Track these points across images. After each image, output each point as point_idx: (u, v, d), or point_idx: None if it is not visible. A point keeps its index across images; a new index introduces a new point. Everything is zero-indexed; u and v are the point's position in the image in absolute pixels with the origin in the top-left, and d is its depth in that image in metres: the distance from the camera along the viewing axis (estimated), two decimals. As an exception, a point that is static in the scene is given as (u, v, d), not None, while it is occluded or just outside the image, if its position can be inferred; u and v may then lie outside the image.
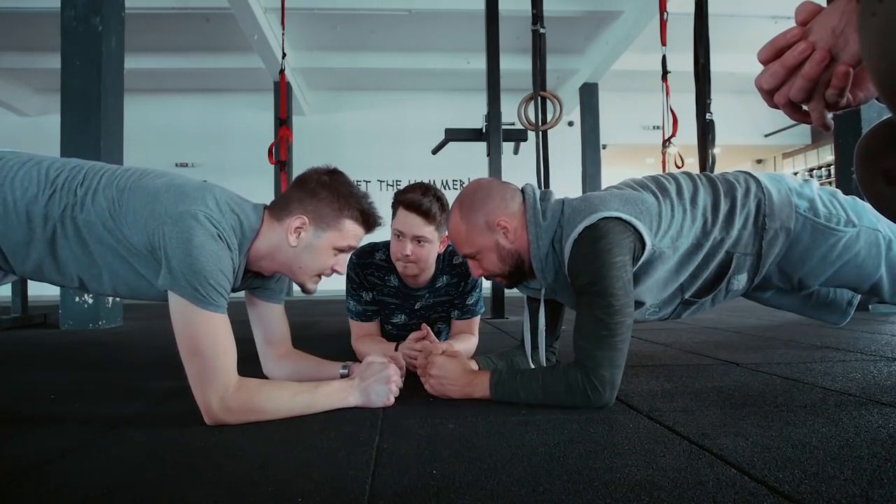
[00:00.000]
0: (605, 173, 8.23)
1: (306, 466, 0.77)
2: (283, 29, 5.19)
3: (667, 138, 4.58)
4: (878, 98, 0.54)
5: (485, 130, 3.76)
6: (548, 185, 3.28)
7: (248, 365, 1.20)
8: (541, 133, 3.36)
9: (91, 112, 3.09)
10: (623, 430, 0.93)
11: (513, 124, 4.00)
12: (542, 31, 3.35)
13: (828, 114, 0.57)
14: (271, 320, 1.30)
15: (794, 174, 9.79)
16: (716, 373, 1.46)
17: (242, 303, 1.32)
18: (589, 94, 8.06)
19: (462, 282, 1.65)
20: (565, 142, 8.09)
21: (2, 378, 1.59)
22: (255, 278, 1.21)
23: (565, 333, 1.37)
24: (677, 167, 4.55)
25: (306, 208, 1.10)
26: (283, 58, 5.10)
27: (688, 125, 4.30)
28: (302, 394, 1.05)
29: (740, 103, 8.45)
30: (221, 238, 0.99)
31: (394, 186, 8.82)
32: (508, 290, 1.44)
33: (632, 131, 9.15)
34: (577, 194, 1.26)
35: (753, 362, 1.61)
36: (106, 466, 0.79)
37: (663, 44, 4.38)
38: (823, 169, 9.59)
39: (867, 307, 3.19)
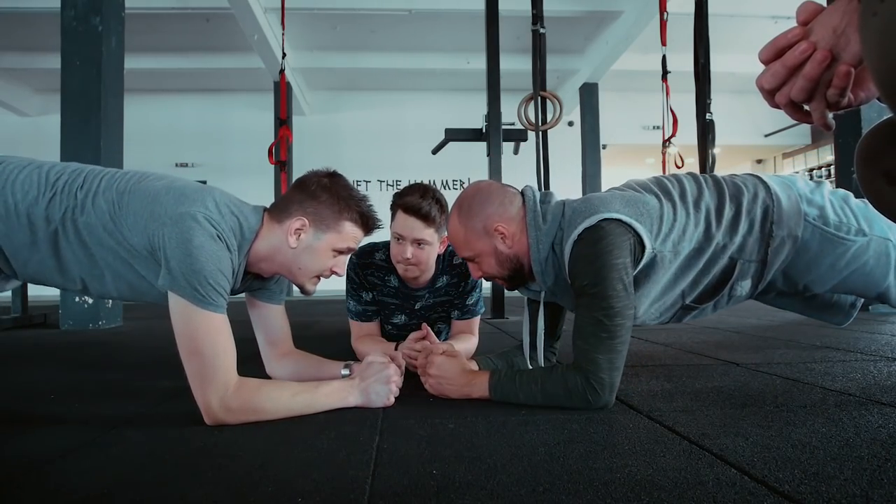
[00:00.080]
0: (605, 173, 8.24)
1: (306, 466, 0.77)
2: (283, 29, 5.20)
3: (667, 138, 4.58)
4: (878, 98, 0.54)
5: (485, 130, 3.76)
6: (548, 186, 3.28)
7: (249, 365, 1.20)
8: (541, 133, 3.36)
9: (91, 112, 3.09)
10: (623, 430, 0.93)
11: (513, 124, 4.00)
12: (542, 31, 3.35)
13: (829, 113, 0.57)
14: (272, 321, 1.31)
15: (794, 174, 9.79)
16: (716, 373, 1.46)
17: (242, 302, 1.32)
18: (589, 94, 8.07)
19: (462, 282, 1.65)
20: (565, 142, 8.10)
21: (2, 378, 1.59)
22: (254, 280, 1.21)
23: (565, 333, 1.37)
24: (677, 167, 4.54)
25: (306, 210, 1.11)
26: (283, 58, 5.10)
27: (688, 125, 4.30)
28: (302, 393, 1.05)
29: (740, 103, 8.46)
30: (221, 239, 0.99)
31: (394, 186, 8.82)
32: (508, 291, 1.44)
33: (632, 131, 9.15)
34: (578, 195, 1.26)
35: (753, 362, 1.61)
36: (106, 466, 0.79)
37: (663, 44, 4.38)
38: (823, 169, 9.59)
39: (867, 307, 3.19)
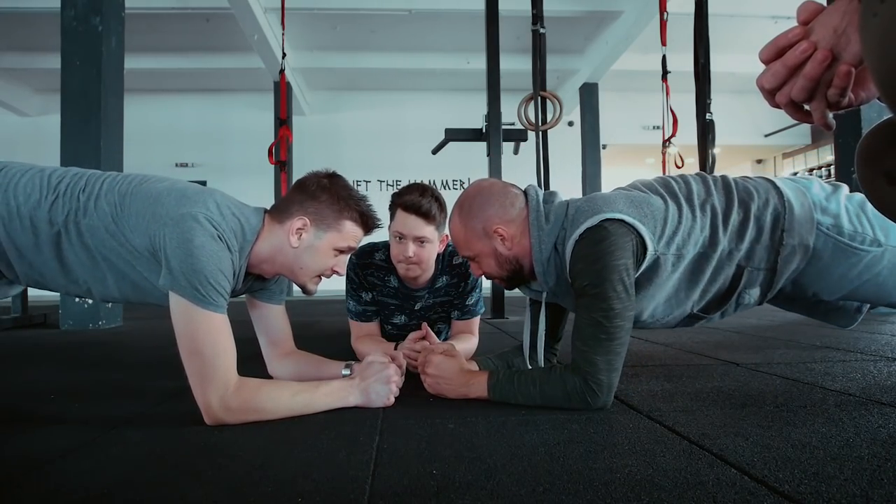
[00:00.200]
0: (605, 173, 8.24)
1: (306, 466, 0.77)
2: (283, 29, 5.20)
3: (667, 138, 4.58)
4: (878, 98, 0.54)
5: (485, 130, 3.76)
6: (548, 186, 3.27)
7: (249, 365, 1.20)
8: (541, 133, 3.36)
9: (91, 112, 3.09)
10: (623, 430, 0.93)
11: (513, 124, 4.01)
12: (542, 31, 3.35)
13: (829, 113, 0.57)
14: (273, 321, 1.31)
15: (794, 174, 9.79)
16: (716, 373, 1.46)
17: (243, 302, 1.32)
18: (589, 94, 8.06)
19: (462, 282, 1.65)
20: (565, 142, 8.10)
21: (2, 378, 1.59)
22: (255, 281, 1.22)
23: (566, 334, 1.37)
24: (677, 167, 4.54)
25: (307, 210, 1.12)
26: (283, 58, 5.10)
27: (688, 125, 4.30)
28: (302, 393, 1.05)
29: (740, 103, 8.46)
30: (222, 239, 1.00)
31: (393, 186, 8.82)
32: (509, 291, 1.44)
33: (632, 131, 9.14)
34: (578, 195, 1.25)
35: (753, 362, 1.61)
36: (106, 466, 0.79)
37: (663, 44, 4.38)
38: (823, 169, 9.59)
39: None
